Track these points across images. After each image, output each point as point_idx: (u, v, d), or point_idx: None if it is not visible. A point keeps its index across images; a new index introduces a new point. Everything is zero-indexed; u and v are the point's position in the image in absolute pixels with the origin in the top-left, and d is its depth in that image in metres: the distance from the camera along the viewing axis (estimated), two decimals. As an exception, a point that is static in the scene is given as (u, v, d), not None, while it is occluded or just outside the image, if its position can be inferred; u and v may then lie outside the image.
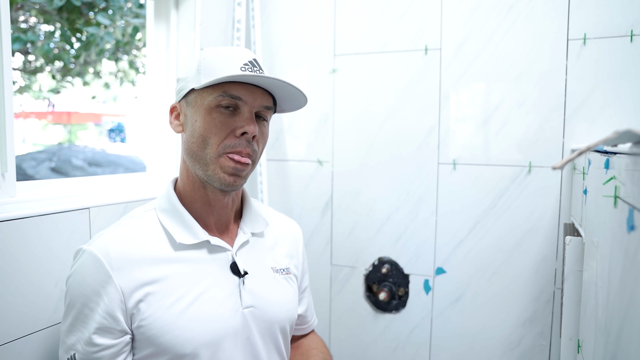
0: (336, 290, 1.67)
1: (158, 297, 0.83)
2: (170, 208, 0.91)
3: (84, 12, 3.48)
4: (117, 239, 0.85)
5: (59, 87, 4.94)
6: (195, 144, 0.87)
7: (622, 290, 0.59)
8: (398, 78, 1.54)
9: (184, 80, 0.91)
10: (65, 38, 3.64)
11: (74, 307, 0.82)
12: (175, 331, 0.83)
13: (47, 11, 3.55)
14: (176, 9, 1.50)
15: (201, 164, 0.88)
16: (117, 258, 0.82)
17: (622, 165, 0.62)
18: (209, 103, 0.86)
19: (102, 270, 0.81)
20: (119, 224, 0.89)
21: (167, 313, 0.83)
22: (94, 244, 0.84)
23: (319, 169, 1.67)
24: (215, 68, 0.87)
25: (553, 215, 1.39)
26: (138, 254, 0.84)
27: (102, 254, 0.82)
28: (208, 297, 0.87)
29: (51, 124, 7.17)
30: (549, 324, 1.41)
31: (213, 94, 0.86)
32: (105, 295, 0.80)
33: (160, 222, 0.90)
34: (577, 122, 1.35)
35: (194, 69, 0.89)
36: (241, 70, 0.87)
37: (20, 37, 3.57)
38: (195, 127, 0.87)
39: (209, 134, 0.86)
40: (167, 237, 0.88)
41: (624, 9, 1.28)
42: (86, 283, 0.81)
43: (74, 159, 4.15)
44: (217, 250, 0.91)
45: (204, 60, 0.88)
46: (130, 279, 0.82)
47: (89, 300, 0.81)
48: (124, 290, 0.81)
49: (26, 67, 4.43)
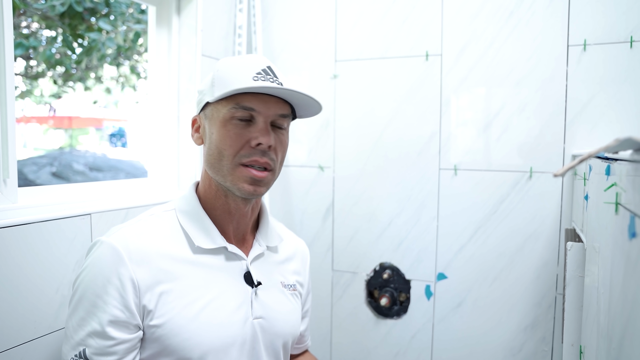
0: (337, 296, 1.67)
1: (172, 297, 0.83)
2: (191, 210, 0.91)
3: (86, 17, 3.49)
4: (137, 234, 0.85)
5: (61, 92, 4.95)
6: (212, 156, 0.88)
7: (624, 296, 0.59)
8: (399, 84, 1.55)
9: (201, 92, 0.92)
10: (67, 43, 3.65)
11: (86, 298, 0.79)
12: (186, 334, 0.82)
13: (49, 17, 3.56)
14: (178, 15, 1.50)
15: (220, 175, 0.89)
16: (137, 252, 0.82)
17: (623, 171, 0.62)
18: (224, 116, 0.87)
19: (120, 262, 0.80)
20: (138, 219, 0.89)
21: (180, 315, 0.82)
22: (113, 236, 0.83)
23: (320, 174, 1.67)
24: (228, 80, 0.87)
25: (554, 221, 1.39)
26: (156, 251, 0.84)
27: (122, 246, 0.81)
28: (220, 303, 0.87)
29: (52, 128, 7.17)
30: (551, 330, 1.41)
31: (227, 106, 0.86)
32: (122, 287, 0.79)
33: (180, 224, 0.90)
34: (578, 128, 1.35)
35: (209, 82, 0.90)
36: (253, 80, 0.86)
37: (22, 42, 3.59)
38: (212, 140, 0.88)
39: (224, 146, 0.87)
40: (186, 239, 0.88)
41: (623, 15, 1.28)
42: (102, 273, 0.79)
43: (75, 163, 4.15)
44: (233, 258, 0.92)
45: (218, 72, 0.89)
46: (148, 275, 0.81)
47: (104, 290, 0.79)
48: (140, 285, 0.80)
49: (28, 72, 4.44)
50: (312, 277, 1.54)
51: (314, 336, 1.70)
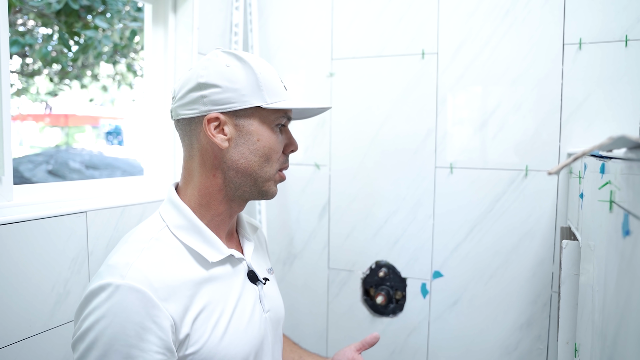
0: (334, 294, 1.67)
1: (202, 320, 0.80)
2: (186, 225, 0.86)
3: (82, 15, 3.48)
4: (152, 266, 0.78)
5: (57, 90, 4.93)
6: (256, 162, 0.87)
7: (618, 294, 0.59)
8: (395, 82, 1.55)
9: (231, 90, 0.83)
10: (63, 41, 3.64)
11: (115, 351, 0.71)
12: (222, 351, 0.82)
13: (45, 14, 3.55)
14: (174, 13, 1.50)
15: (257, 181, 0.88)
16: (162, 288, 0.76)
17: (617, 170, 0.62)
18: (272, 121, 0.88)
19: (150, 303, 0.73)
20: (140, 247, 0.81)
21: (213, 335, 0.81)
22: (129, 275, 0.75)
23: (316, 172, 1.67)
24: (276, 86, 0.88)
25: (550, 219, 1.39)
26: (176, 279, 0.79)
27: (146, 285, 0.74)
28: (240, 309, 0.88)
29: (48, 126, 7.14)
30: (546, 328, 1.41)
31: (276, 113, 0.88)
32: (159, 329, 0.73)
33: (181, 241, 0.84)
34: (574, 126, 1.36)
35: (250, 82, 0.84)
36: (284, 88, 0.91)
37: (18, 40, 3.57)
38: (259, 145, 0.86)
39: (273, 152, 0.88)
40: (193, 257, 0.84)
41: (618, 14, 1.29)
42: (133, 321, 0.72)
43: (71, 161, 4.13)
44: (237, 262, 0.92)
45: (262, 74, 0.85)
46: (178, 307, 0.77)
47: (139, 339, 0.72)
48: (175, 320, 0.76)
49: (24, 69, 4.42)
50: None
51: (310, 334, 1.70)
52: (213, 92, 0.83)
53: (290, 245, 1.72)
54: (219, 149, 0.85)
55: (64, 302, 1.00)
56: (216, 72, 0.84)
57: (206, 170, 0.88)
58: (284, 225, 1.72)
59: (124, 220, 1.15)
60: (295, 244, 1.71)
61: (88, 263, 1.05)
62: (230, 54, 0.87)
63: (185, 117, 0.87)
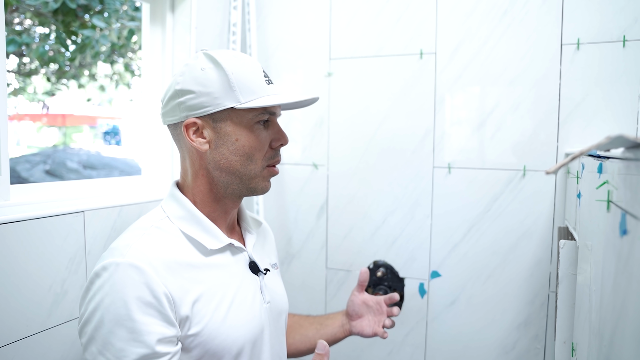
0: (331, 294, 1.67)
1: (202, 303, 0.83)
2: (186, 215, 0.89)
3: (80, 14, 3.47)
4: (152, 246, 0.81)
5: (54, 90, 4.93)
6: (237, 161, 0.88)
7: (615, 293, 0.59)
8: (393, 82, 1.55)
9: (204, 94, 0.85)
10: (61, 40, 3.63)
11: (121, 326, 0.74)
12: (222, 335, 0.84)
13: (42, 13, 3.54)
14: (172, 12, 1.50)
15: (242, 179, 0.90)
16: (161, 265, 0.79)
17: (615, 169, 0.62)
18: (249, 120, 0.88)
19: (150, 279, 0.76)
20: (141, 233, 0.84)
21: (213, 319, 0.84)
22: (129, 254, 0.78)
23: (314, 172, 1.67)
24: (251, 84, 0.86)
25: (547, 219, 1.39)
26: (175, 261, 0.82)
27: (144, 262, 0.77)
28: (241, 297, 0.90)
29: (46, 126, 7.13)
30: (544, 328, 1.41)
31: (253, 111, 0.87)
32: (159, 303, 0.76)
33: (181, 230, 0.88)
34: (571, 126, 1.36)
35: (222, 84, 0.85)
36: (266, 84, 0.89)
37: (15, 39, 3.56)
38: (238, 145, 0.87)
39: (254, 151, 0.89)
40: (193, 244, 0.87)
41: (616, 14, 1.29)
42: (133, 295, 0.75)
43: (68, 161, 4.12)
44: (237, 252, 0.95)
45: (234, 75, 0.85)
46: (177, 286, 0.80)
47: (141, 312, 0.74)
48: (174, 298, 0.78)
49: (21, 69, 4.41)
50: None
51: (308, 334, 1.70)
52: (188, 98, 0.86)
53: (288, 245, 1.72)
54: (201, 152, 0.89)
55: (61, 302, 1.00)
56: (191, 77, 0.86)
57: (195, 170, 0.92)
58: (282, 225, 1.72)
59: (122, 220, 1.15)
60: (293, 244, 1.71)
61: (85, 263, 1.05)
62: (208, 56, 0.88)
63: (171, 124, 0.92)
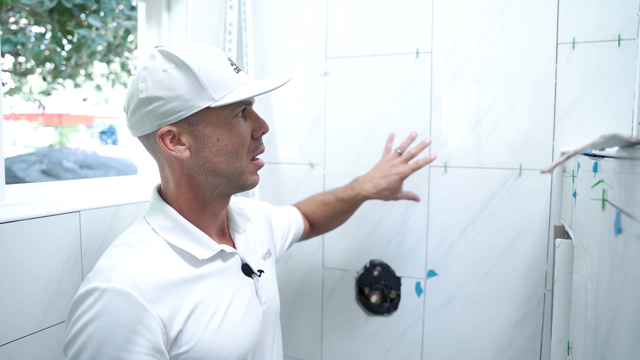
0: (328, 293, 1.67)
1: (195, 319, 0.80)
2: (173, 226, 0.85)
3: (75, 14, 3.46)
4: (139, 267, 0.77)
5: (50, 89, 4.91)
6: (223, 162, 0.84)
7: (610, 292, 0.59)
8: (389, 81, 1.55)
9: (174, 99, 0.80)
10: (56, 40, 3.62)
11: (104, 354, 0.71)
12: (218, 348, 0.81)
13: (37, 13, 3.52)
14: (168, 12, 1.49)
15: (229, 178, 0.86)
16: (149, 289, 0.75)
17: (610, 168, 0.62)
18: (227, 116, 0.83)
19: (136, 305, 0.73)
20: (127, 251, 0.80)
21: (206, 333, 0.81)
22: (115, 278, 0.74)
23: (311, 171, 1.67)
24: (221, 77, 0.82)
25: (543, 218, 1.40)
26: (165, 279, 0.78)
27: (131, 287, 0.74)
28: (236, 305, 0.87)
29: (42, 126, 7.11)
30: (540, 326, 1.42)
31: (230, 106, 0.83)
32: (147, 331, 0.73)
33: (168, 243, 0.84)
34: (567, 125, 1.36)
35: (191, 84, 0.80)
36: (235, 73, 0.85)
37: (10, 38, 3.55)
38: (220, 145, 0.83)
39: (238, 147, 0.85)
40: (182, 257, 0.84)
41: (612, 13, 1.29)
42: (120, 324, 0.72)
43: (65, 161, 4.11)
44: (228, 257, 0.91)
45: (201, 71, 0.80)
46: (167, 307, 0.76)
47: (127, 342, 0.72)
48: (164, 321, 0.75)
49: (16, 68, 4.39)
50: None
51: (304, 333, 1.70)
52: (157, 105, 0.80)
53: (284, 244, 1.72)
54: (182, 159, 0.84)
55: (57, 302, 1.00)
56: (154, 82, 0.80)
57: (177, 179, 0.87)
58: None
59: (118, 219, 1.15)
60: (290, 243, 1.71)
61: (81, 263, 1.05)
62: (166, 54, 0.82)
63: (142, 135, 0.86)
